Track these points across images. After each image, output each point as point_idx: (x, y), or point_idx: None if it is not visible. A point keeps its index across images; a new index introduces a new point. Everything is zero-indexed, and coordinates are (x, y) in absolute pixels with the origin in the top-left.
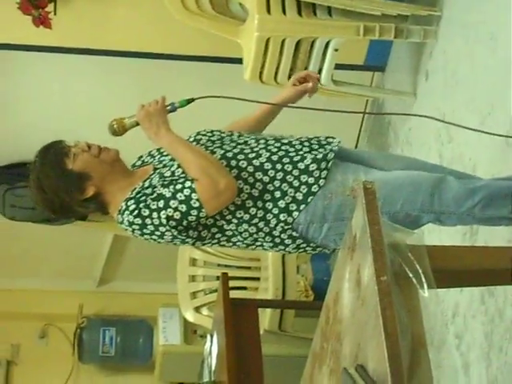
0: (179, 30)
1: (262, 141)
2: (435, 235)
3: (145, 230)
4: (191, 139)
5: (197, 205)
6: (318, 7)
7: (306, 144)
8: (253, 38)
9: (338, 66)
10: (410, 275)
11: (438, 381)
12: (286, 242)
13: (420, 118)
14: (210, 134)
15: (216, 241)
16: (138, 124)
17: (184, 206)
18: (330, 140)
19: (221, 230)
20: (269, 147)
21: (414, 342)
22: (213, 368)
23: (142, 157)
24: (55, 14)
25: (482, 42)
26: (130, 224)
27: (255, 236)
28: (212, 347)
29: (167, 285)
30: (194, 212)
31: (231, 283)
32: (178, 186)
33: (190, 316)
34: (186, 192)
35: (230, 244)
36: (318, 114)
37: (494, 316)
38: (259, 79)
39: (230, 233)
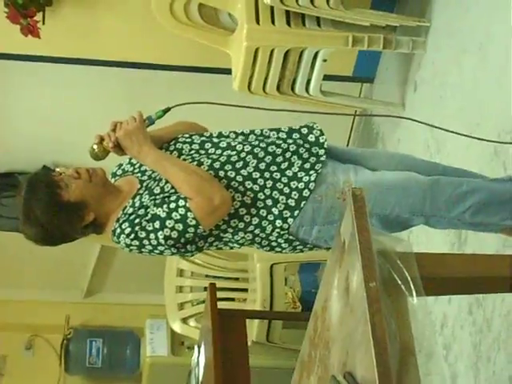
0: (168, 40)
1: (246, 143)
2: (423, 246)
3: (143, 250)
4: (171, 148)
5: (193, 223)
6: (307, 17)
7: (292, 148)
8: (242, 48)
9: (327, 77)
10: (399, 282)
11: None
12: (283, 245)
13: (409, 129)
14: (189, 141)
15: (214, 247)
16: (119, 144)
17: (181, 224)
18: (317, 141)
19: (218, 238)
20: (255, 150)
21: (403, 350)
22: (200, 379)
23: (121, 165)
24: (44, 23)
25: (471, 52)
26: (128, 245)
27: (251, 242)
28: (199, 358)
29: (154, 296)
30: (192, 229)
31: (219, 294)
32: (172, 205)
33: (178, 327)
34: (181, 211)
35: (227, 247)
36: None
37: (482, 326)
38: (248, 89)
39: (227, 239)
